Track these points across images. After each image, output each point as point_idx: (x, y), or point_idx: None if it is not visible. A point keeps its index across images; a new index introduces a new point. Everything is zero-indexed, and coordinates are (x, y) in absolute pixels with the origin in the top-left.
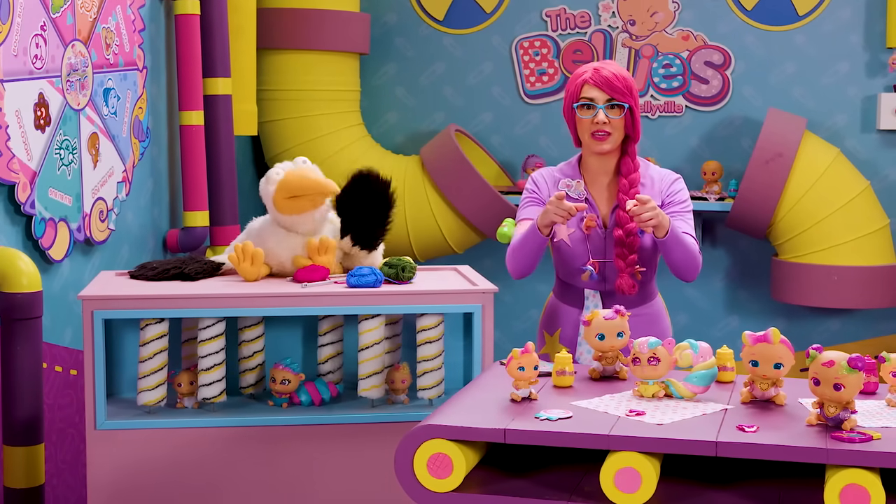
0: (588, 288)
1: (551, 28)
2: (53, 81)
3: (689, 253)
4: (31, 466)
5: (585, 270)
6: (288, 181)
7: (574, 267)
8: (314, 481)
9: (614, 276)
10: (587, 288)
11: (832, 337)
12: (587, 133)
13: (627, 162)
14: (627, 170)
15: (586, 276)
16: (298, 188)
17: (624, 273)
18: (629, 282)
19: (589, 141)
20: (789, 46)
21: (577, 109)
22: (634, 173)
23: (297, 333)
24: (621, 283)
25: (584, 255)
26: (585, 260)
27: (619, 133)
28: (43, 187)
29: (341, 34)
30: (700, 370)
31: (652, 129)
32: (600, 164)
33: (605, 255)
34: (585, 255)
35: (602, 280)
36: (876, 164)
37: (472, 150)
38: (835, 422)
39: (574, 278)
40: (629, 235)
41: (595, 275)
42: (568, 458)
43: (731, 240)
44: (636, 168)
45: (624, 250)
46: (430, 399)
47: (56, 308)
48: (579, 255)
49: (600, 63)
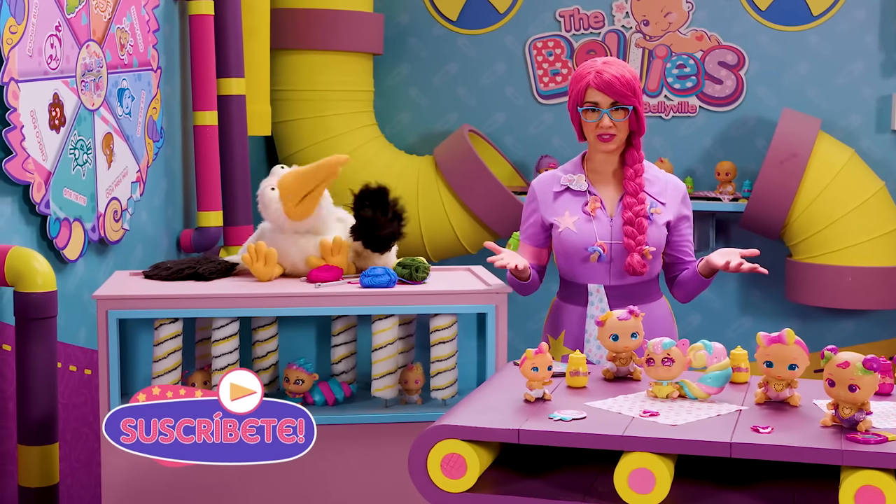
0: (591, 283)
1: (565, 28)
2: (68, 82)
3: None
4: (45, 466)
5: (594, 252)
6: (292, 186)
7: (582, 251)
8: (328, 481)
9: (621, 260)
10: (591, 283)
11: (847, 338)
12: (593, 134)
13: (633, 153)
14: (633, 160)
15: (595, 258)
16: (307, 183)
17: (633, 252)
18: (640, 261)
19: (595, 141)
20: (803, 46)
21: (581, 113)
22: (639, 163)
23: (310, 333)
24: (631, 261)
25: (591, 239)
26: (592, 243)
27: (624, 132)
28: (57, 187)
29: (355, 34)
30: (714, 371)
31: (666, 129)
32: (605, 158)
33: (612, 237)
34: (592, 239)
35: (609, 262)
36: (891, 164)
37: (486, 150)
38: (850, 423)
39: (579, 269)
40: (637, 216)
41: (604, 255)
42: (582, 459)
43: (745, 240)
44: (641, 159)
45: (633, 230)
46: (444, 399)
47: (71, 308)
48: (587, 239)
49: (602, 63)
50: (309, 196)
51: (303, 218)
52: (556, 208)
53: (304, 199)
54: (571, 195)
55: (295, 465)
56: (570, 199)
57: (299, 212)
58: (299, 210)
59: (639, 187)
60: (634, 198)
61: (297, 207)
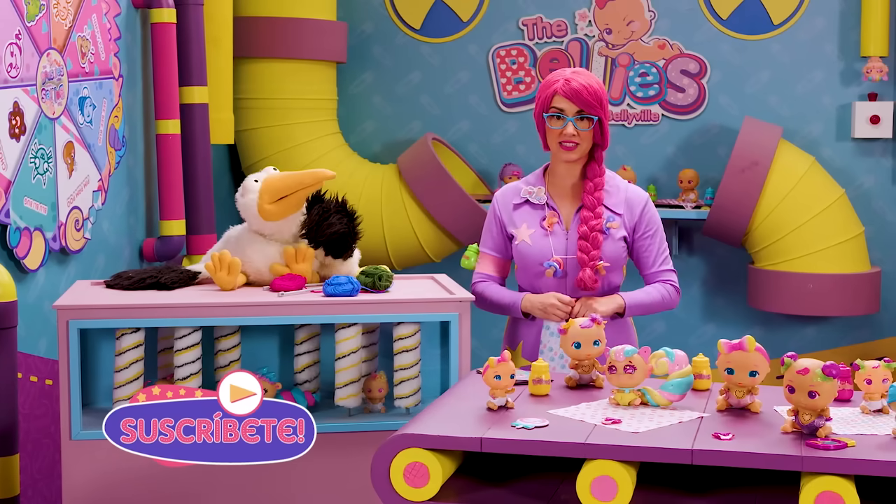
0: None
1: (528, 37)
2: (28, 90)
3: (656, 308)
4: (5, 477)
5: (549, 267)
6: (274, 184)
7: (537, 266)
8: (292, 490)
9: (576, 274)
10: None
11: (808, 344)
12: (556, 141)
13: (594, 167)
14: (593, 173)
15: (550, 273)
16: (290, 185)
17: (586, 266)
18: (592, 277)
19: (557, 150)
20: (765, 55)
21: (546, 119)
22: (599, 177)
23: (273, 342)
24: (583, 276)
25: (546, 253)
26: (548, 257)
27: (588, 143)
28: (18, 196)
29: (318, 43)
30: (676, 378)
31: (628, 137)
32: (567, 170)
33: (567, 251)
34: (548, 253)
35: (564, 276)
36: (851, 172)
37: (450, 158)
38: (810, 429)
39: (537, 281)
40: (592, 231)
41: (559, 271)
42: (545, 467)
43: (707, 248)
44: (602, 173)
45: (587, 244)
46: (407, 408)
47: (31, 318)
48: (542, 253)
49: (572, 72)
50: (286, 199)
51: (271, 219)
52: (515, 220)
53: (281, 200)
54: (531, 208)
55: (260, 474)
56: (529, 211)
57: (271, 211)
58: (272, 209)
59: (597, 201)
60: (591, 212)
61: (271, 206)
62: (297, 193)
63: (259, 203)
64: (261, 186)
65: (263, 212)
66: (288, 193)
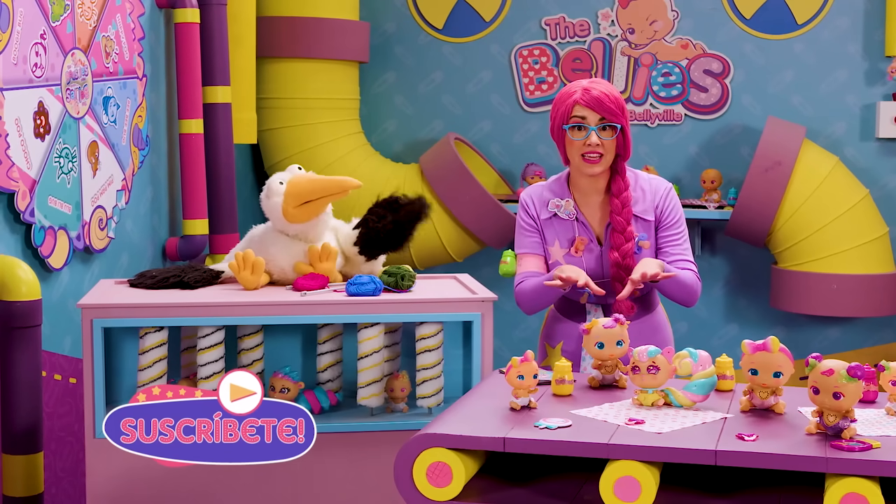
0: (589, 303)
1: (550, 36)
2: (53, 90)
3: (686, 287)
4: (30, 475)
5: (584, 293)
6: (299, 188)
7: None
8: (313, 490)
9: (613, 294)
10: (588, 303)
11: (832, 345)
12: (578, 154)
13: (618, 181)
14: (618, 189)
15: (584, 299)
16: (314, 191)
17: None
18: (627, 304)
19: (580, 163)
20: (788, 55)
21: (568, 130)
22: (626, 192)
23: (296, 342)
24: (619, 305)
25: None
26: None
27: (611, 154)
28: (42, 196)
29: (340, 43)
30: (699, 379)
31: (651, 137)
32: (590, 183)
33: (602, 272)
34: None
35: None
36: (875, 172)
37: (472, 158)
38: (834, 430)
39: (574, 295)
40: (625, 258)
41: (593, 297)
42: (567, 467)
43: (730, 248)
44: (627, 186)
45: (621, 272)
46: (430, 407)
47: (55, 316)
48: None
49: (589, 82)
50: (310, 204)
51: (296, 222)
52: (547, 234)
53: (306, 205)
54: (559, 221)
55: (281, 474)
56: (559, 226)
57: (295, 214)
58: (296, 213)
59: (626, 221)
60: (622, 234)
61: (295, 209)
62: (323, 199)
63: (283, 206)
64: (286, 189)
65: (288, 215)
66: (312, 199)
